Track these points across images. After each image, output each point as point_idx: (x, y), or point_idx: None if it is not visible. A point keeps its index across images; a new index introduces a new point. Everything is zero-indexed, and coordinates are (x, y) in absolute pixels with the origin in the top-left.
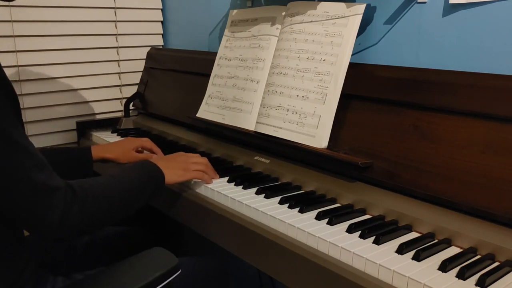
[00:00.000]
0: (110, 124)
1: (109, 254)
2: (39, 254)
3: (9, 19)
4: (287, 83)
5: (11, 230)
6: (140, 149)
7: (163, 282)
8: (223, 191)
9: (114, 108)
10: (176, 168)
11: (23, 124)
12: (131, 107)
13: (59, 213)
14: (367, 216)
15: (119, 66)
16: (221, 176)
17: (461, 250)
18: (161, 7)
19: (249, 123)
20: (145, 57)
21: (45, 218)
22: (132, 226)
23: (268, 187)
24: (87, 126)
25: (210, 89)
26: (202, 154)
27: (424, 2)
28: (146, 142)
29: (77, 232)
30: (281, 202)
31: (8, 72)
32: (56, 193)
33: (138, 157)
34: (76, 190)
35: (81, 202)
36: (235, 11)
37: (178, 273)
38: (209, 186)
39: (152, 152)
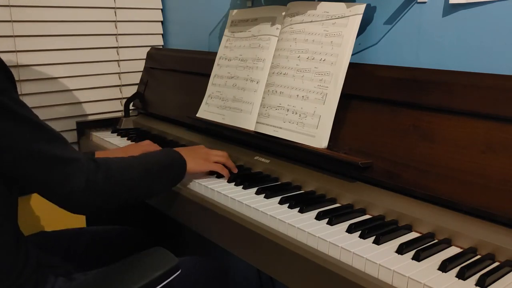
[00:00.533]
0: (110, 124)
1: (109, 254)
2: (39, 254)
3: (9, 19)
4: (287, 83)
5: (11, 229)
6: None
7: (163, 282)
8: (223, 191)
9: (114, 108)
10: (198, 158)
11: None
12: (131, 107)
13: (84, 179)
14: (367, 216)
15: (119, 66)
16: (221, 176)
17: (461, 250)
18: (161, 7)
19: (249, 123)
20: (145, 57)
21: (69, 186)
22: (132, 226)
23: (268, 187)
24: (87, 126)
25: (210, 89)
26: None
27: (424, 2)
28: (147, 145)
29: (101, 203)
30: (281, 202)
31: None
32: (74, 163)
33: None
34: (98, 162)
35: (106, 171)
36: (235, 11)
37: (178, 273)
38: (209, 186)
39: None
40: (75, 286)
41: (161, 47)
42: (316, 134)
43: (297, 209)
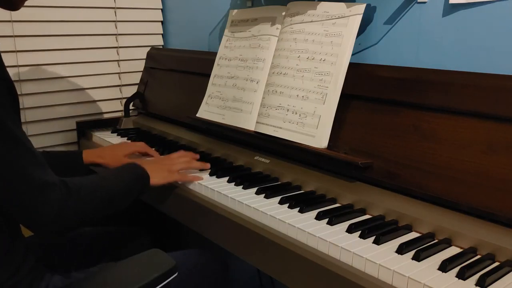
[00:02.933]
0: (110, 124)
1: (109, 253)
2: (37, 252)
3: (9, 19)
4: (287, 83)
5: (8, 226)
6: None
7: (159, 284)
8: (223, 191)
9: (114, 108)
10: (161, 170)
11: (21, 123)
12: (131, 107)
13: (56, 208)
14: (367, 216)
15: (119, 66)
16: (221, 176)
17: (461, 250)
18: (161, 7)
19: (249, 123)
20: (145, 57)
21: (41, 212)
22: (132, 226)
23: (268, 187)
24: (87, 126)
25: (210, 89)
26: (202, 154)
27: (424, 2)
28: (140, 147)
29: (68, 227)
30: (281, 202)
31: (8, 72)
32: (51, 188)
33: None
34: (70, 187)
35: (75, 198)
36: (235, 11)
37: (175, 275)
38: (209, 186)
39: (148, 155)
40: (71, 286)
41: (161, 47)
42: (316, 134)
43: (297, 209)
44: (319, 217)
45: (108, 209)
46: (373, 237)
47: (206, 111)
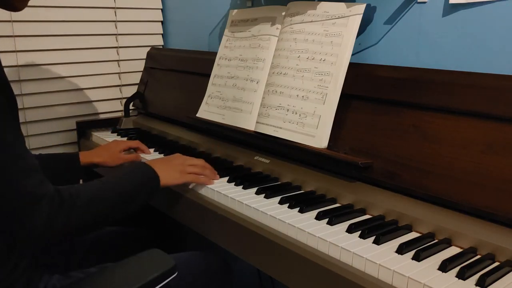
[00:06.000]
0: (110, 124)
1: (109, 254)
2: (36, 252)
3: (9, 19)
4: (287, 83)
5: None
6: (131, 150)
7: (158, 284)
8: (223, 191)
9: (114, 108)
10: (172, 171)
11: (19, 126)
12: (131, 107)
13: (43, 221)
14: (367, 216)
15: (119, 66)
16: (221, 176)
17: (461, 250)
18: (161, 7)
19: (249, 123)
20: (145, 57)
21: (28, 224)
22: (132, 226)
23: (268, 187)
24: (87, 126)
25: (210, 89)
26: (202, 154)
27: (424, 2)
28: (132, 142)
29: (65, 237)
30: (281, 202)
31: (8, 72)
32: (42, 200)
33: (126, 159)
34: (63, 197)
35: (68, 209)
36: (235, 11)
37: (174, 275)
38: (209, 186)
39: (140, 151)
40: (70, 285)
41: (161, 47)
42: (316, 134)
43: (297, 209)
44: (319, 217)
45: (111, 215)
46: (373, 237)
47: (206, 111)
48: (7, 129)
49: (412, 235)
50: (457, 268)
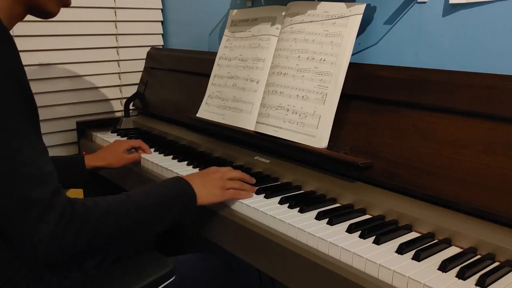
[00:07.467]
0: (110, 124)
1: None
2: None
3: None
4: (287, 83)
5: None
6: (132, 149)
7: (157, 287)
8: None
9: (114, 108)
10: (212, 187)
11: (37, 132)
12: (131, 107)
13: (49, 235)
14: (367, 216)
15: (119, 66)
16: None
17: (461, 250)
18: (161, 7)
19: (249, 123)
20: (145, 57)
21: (30, 238)
22: None
23: (268, 187)
24: (87, 126)
25: (210, 89)
26: (202, 154)
27: (424, 2)
28: (134, 141)
29: (75, 256)
30: (281, 202)
31: None
32: (49, 211)
33: (129, 159)
34: (76, 209)
35: (79, 223)
36: (235, 11)
37: (172, 278)
38: None
39: (141, 150)
40: (68, 286)
41: (161, 47)
42: (316, 134)
43: (297, 209)
44: (319, 217)
45: (134, 235)
46: (373, 237)
47: (206, 111)
48: (16, 135)
49: (412, 235)
50: (457, 268)
